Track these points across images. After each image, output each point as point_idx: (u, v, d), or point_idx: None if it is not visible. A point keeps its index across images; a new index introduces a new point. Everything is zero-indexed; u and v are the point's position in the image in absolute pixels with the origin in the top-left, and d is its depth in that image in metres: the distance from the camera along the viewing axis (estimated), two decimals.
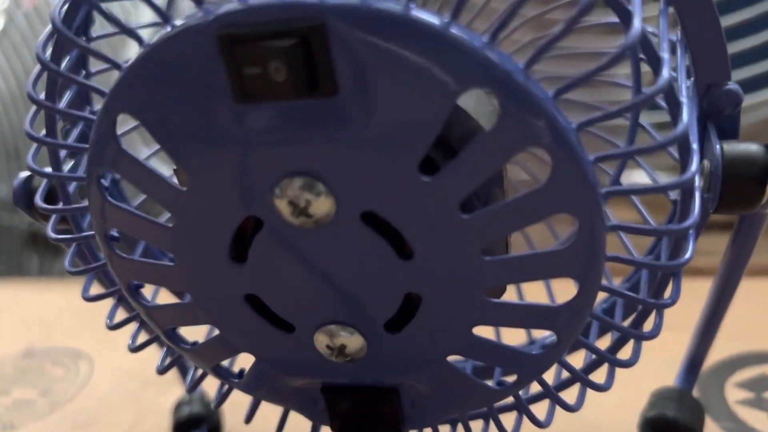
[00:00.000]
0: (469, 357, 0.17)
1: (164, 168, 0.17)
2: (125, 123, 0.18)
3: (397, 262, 0.15)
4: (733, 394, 0.28)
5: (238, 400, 0.21)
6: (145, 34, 0.15)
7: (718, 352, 0.27)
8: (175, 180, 0.17)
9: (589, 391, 0.18)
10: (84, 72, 0.20)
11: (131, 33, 0.15)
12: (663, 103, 0.15)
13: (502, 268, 0.15)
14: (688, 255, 0.15)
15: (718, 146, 0.17)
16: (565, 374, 0.19)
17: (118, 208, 0.16)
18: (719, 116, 0.18)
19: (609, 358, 0.18)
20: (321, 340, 0.17)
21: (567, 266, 0.15)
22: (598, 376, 0.18)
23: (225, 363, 0.19)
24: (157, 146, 0.22)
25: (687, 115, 0.14)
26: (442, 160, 0.15)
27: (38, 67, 0.16)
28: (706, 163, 0.17)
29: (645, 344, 0.17)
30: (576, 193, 0.14)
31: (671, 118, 0.15)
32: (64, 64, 0.17)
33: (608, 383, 0.18)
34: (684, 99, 0.15)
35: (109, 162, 0.15)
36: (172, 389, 0.31)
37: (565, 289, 0.19)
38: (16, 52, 0.78)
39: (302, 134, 0.14)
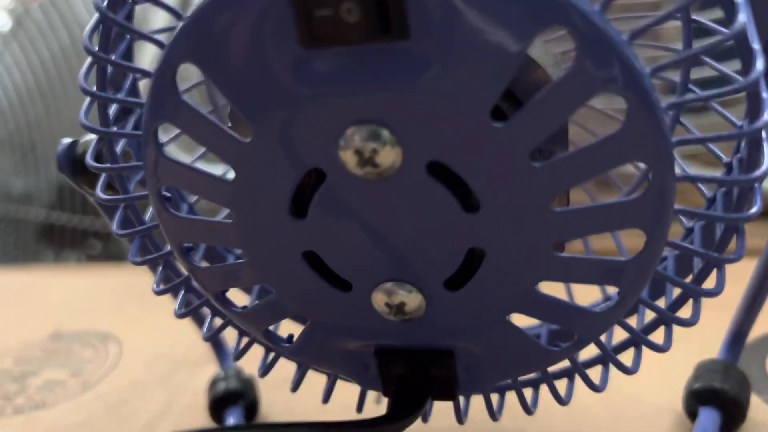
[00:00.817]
0: (529, 315, 0.16)
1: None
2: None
3: (462, 215, 0.15)
4: None
5: (276, 377, 0.21)
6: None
7: (758, 327, 0.26)
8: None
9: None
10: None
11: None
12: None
13: (571, 220, 0.15)
14: (755, 209, 0.15)
15: None
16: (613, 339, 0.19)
17: (175, 164, 0.16)
18: None
19: (670, 316, 0.17)
20: (379, 298, 0.16)
21: (637, 217, 0.14)
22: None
23: (273, 327, 0.19)
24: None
25: (761, 64, 0.14)
26: (508, 109, 0.15)
27: (95, 17, 0.16)
28: None
29: None
30: (649, 141, 0.13)
31: (743, 66, 0.14)
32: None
33: (667, 345, 0.18)
34: (756, 46, 0.14)
35: (169, 115, 0.15)
36: (203, 370, 0.31)
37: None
38: (34, 47, 0.78)
39: (371, 81, 0.14)
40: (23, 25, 0.78)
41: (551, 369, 0.19)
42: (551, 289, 0.16)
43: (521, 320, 0.17)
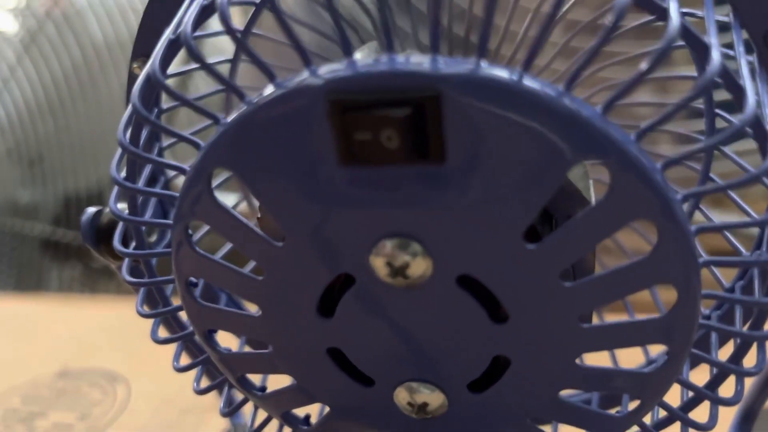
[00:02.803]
0: (551, 419, 0.16)
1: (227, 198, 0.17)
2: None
3: (490, 325, 0.15)
4: None
5: None
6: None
7: None
8: (258, 228, 0.17)
9: None
10: (156, 110, 0.20)
11: (204, 112, 0.15)
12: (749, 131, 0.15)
13: (597, 335, 0.15)
14: None
15: None
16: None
17: (204, 259, 0.16)
18: None
19: (685, 418, 0.17)
20: (402, 396, 0.16)
21: (660, 334, 0.15)
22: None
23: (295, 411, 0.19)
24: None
25: None
26: (539, 224, 0.15)
27: (128, 113, 0.16)
28: None
29: None
30: (679, 265, 0.14)
31: (760, 150, 0.15)
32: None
33: (711, 423, 0.17)
34: None
35: (202, 214, 0.15)
36: (212, 419, 0.31)
37: None
38: (45, 62, 0.78)
39: (405, 197, 0.14)
40: (36, 41, 0.78)
41: None
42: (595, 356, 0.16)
43: None
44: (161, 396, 0.34)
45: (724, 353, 0.18)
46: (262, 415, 0.21)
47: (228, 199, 0.18)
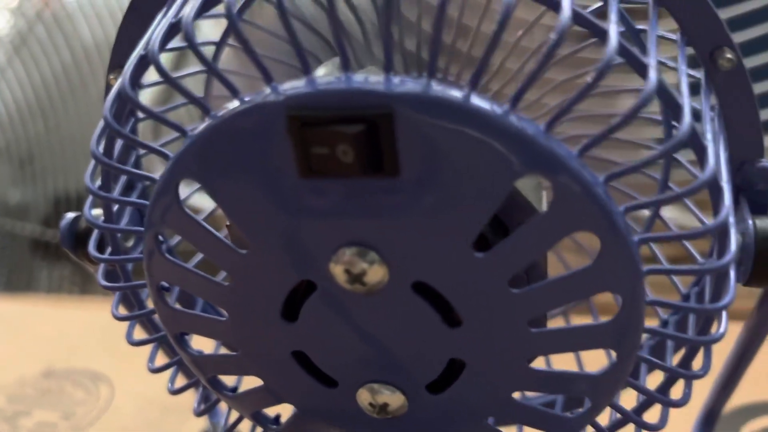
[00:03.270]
0: (505, 419, 0.17)
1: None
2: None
3: (445, 329, 0.16)
4: None
5: None
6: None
7: (732, 401, 0.27)
8: (228, 234, 0.17)
9: None
10: (133, 119, 0.21)
11: (176, 126, 0.15)
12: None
13: (546, 339, 0.15)
14: (722, 330, 0.16)
15: (750, 222, 0.17)
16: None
17: (175, 265, 0.17)
18: (751, 191, 0.18)
19: (637, 420, 0.18)
20: (364, 397, 0.17)
21: (608, 339, 0.15)
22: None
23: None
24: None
25: (728, 200, 0.15)
26: (491, 233, 0.16)
27: (101, 125, 0.17)
28: (738, 236, 0.18)
29: None
30: (622, 274, 0.14)
31: (712, 204, 0.15)
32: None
33: (662, 424, 0.18)
34: (725, 184, 0.15)
35: (171, 222, 0.16)
36: (193, 418, 0.32)
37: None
38: (36, 62, 0.79)
39: (362, 208, 0.14)
40: (27, 42, 0.79)
41: None
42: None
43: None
44: (144, 395, 0.35)
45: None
46: (236, 414, 0.21)
47: (209, 202, 0.19)
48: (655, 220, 0.19)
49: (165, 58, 0.16)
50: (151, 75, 0.19)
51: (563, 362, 0.20)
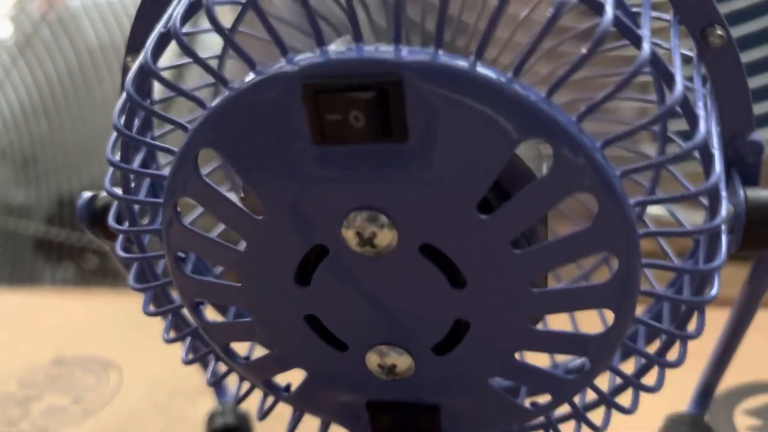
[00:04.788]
0: (508, 379, 0.18)
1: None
2: None
3: (450, 290, 0.16)
4: (742, 421, 0.29)
5: (272, 413, 0.22)
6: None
7: (728, 380, 0.28)
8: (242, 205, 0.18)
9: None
10: (148, 101, 0.22)
11: (191, 96, 0.16)
12: (697, 155, 0.16)
13: (547, 299, 0.16)
14: (714, 292, 0.17)
15: (741, 192, 0.18)
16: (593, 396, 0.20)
17: (193, 234, 0.17)
18: (742, 164, 0.19)
19: (636, 382, 0.19)
20: (372, 359, 0.18)
21: (605, 299, 0.16)
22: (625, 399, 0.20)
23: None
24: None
25: (719, 167, 0.16)
26: (494, 199, 0.17)
27: (122, 100, 0.18)
28: (729, 207, 0.19)
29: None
30: (618, 235, 0.15)
31: (703, 168, 0.16)
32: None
33: (633, 407, 0.19)
34: (716, 151, 0.16)
35: (190, 191, 0.17)
36: (201, 399, 0.33)
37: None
38: (40, 64, 0.80)
39: (372, 173, 0.15)
40: (31, 44, 0.80)
41: (530, 423, 0.20)
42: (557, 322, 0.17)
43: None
44: (152, 380, 0.35)
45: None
46: (246, 387, 0.22)
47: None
48: (655, 187, 0.20)
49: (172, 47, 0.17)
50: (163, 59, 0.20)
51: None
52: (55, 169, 0.85)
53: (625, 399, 0.20)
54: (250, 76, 0.15)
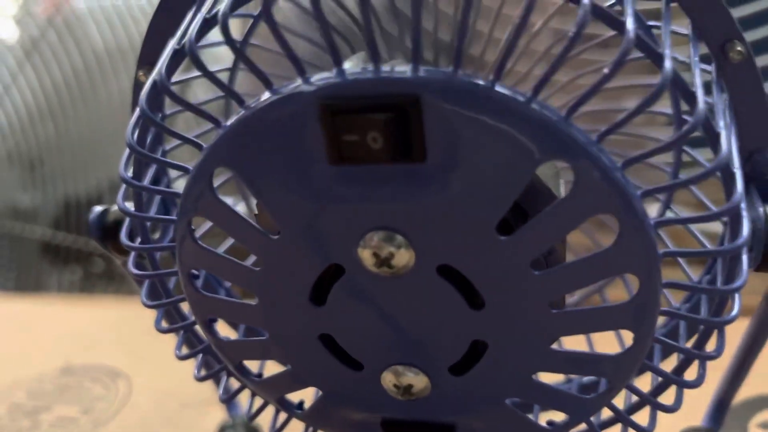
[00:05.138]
0: (526, 399, 0.18)
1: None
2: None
3: (468, 311, 0.16)
4: None
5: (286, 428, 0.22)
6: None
7: (742, 392, 0.28)
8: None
9: None
10: (160, 115, 0.21)
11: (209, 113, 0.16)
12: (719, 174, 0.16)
13: (566, 320, 0.16)
14: (734, 312, 0.17)
15: (761, 209, 0.18)
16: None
17: (206, 251, 0.17)
18: (761, 180, 0.19)
19: (652, 401, 0.19)
20: (388, 379, 0.18)
21: (625, 320, 0.16)
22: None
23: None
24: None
25: (740, 187, 0.15)
26: (512, 218, 0.16)
27: (135, 116, 0.18)
28: (749, 225, 0.18)
29: None
30: (639, 256, 0.15)
31: (724, 187, 0.16)
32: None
33: (651, 426, 0.19)
34: (737, 170, 0.16)
35: (204, 210, 0.17)
36: (210, 411, 0.32)
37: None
38: (46, 67, 0.80)
39: (390, 193, 0.15)
40: (38, 47, 0.80)
41: None
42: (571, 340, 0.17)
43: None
44: (162, 390, 0.35)
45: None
46: (258, 403, 0.22)
47: (226, 201, 0.19)
48: (670, 201, 0.20)
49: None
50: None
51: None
52: (61, 172, 0.85)
53: (641, 417, 0.19)
54: (266, 96, 0.15)
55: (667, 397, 0.19)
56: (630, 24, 0.14)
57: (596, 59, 0.25)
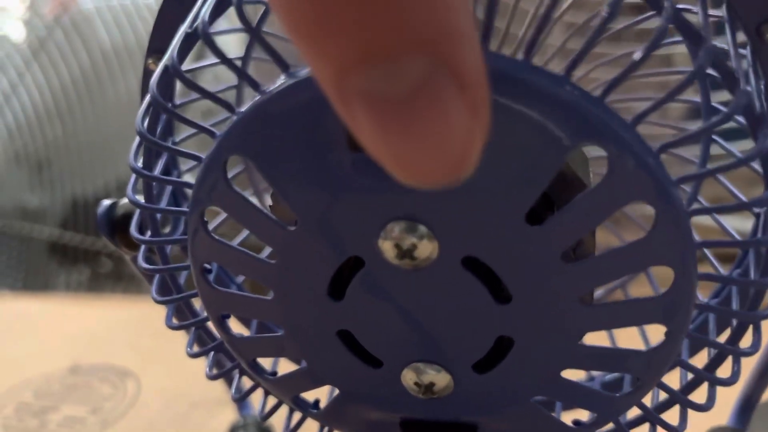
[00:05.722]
0: (552, 398, 0.17)
1: None
2: None
3: (494, 306, 0.15)
4: None
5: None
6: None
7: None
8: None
9: None
10: (170, 104, 0.21)
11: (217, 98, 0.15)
12: (756, 167, 0.15)
13: (596, 315, 0.15)
14: None
15: None
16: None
17: (220, 244, 0.17)
18: None
19: (684, 400, 0.18)
20: (409, 377, 0.17)
21: (658, 314, 0.15)
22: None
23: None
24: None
25: None
26: (539, 207, 0.16)
27: (145, 103, 0.17)
28: None
29: None
30: (674, 247, 0.14)
31: (764, 175, 0.15)
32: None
33: (682, 426, 0.18)
34: None
35: (218, 200, 0.16)
36: (221, 412, 0.32)
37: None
38: (53, 67, 0.79)
39: None
40: (45, 47, 0.79)
41: None
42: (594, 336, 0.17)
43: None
44: (171, 390, 0.35)
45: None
46: (272, 402, 0.21)
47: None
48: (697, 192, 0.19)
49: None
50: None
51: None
52: (69, 172, 0.85)
53: (670, 415, 0.19)
54: (282, 80, 0.15)
55: (698, 395, 0.18)
56: (668, 4, 0.13)
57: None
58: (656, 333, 0.16)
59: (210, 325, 0.20)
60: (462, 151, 0.10)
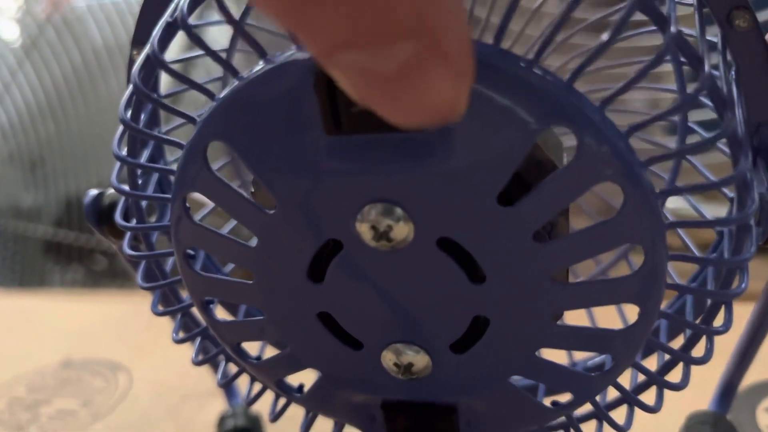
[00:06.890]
0: (529, 377, 0.17)
1: None
2: None
3: (469, 286, 0.16)
4: (765, 418, 0.29)
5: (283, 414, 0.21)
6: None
7: (750, 377, 0.27)
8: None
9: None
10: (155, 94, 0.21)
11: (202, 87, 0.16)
12: (725, 149, 0.16)
13: (569, 294, 0.16)
14: (744, 285, 0.16)
15: None
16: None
17: (203, 230, 0.17)
18: None
19: (660, 380, 0.18)
20: (388, 358, 0.17)
21: (631, 293, 0.16)
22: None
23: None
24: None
25: (746, 158, 0.15)
26: (513, 189, 0.16)
27: (128, 92, 0.17)
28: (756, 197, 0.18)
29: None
30: (643, 225, 0.15)
31: (732, 159, 0.16)
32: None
33: (657, 405, 0.18)
34: (745, 141, 0.15)
35: (199, 186, 0.16)
36: (211, 403, 0.32)
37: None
38: (46, 66, 0.79)
39: (388, 164, 0.15)
40: (37, 46, 0.79)
41: (550, 423, 0.20)
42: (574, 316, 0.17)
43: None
44: (162, 383, 0.35)
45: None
46: (257, 388, 0.21)
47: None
48: (675, 179, 0.19)
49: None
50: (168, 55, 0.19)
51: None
52: (63, 171, 0.85)
53: (647, 397, 0.19)
54: (260, 66, 0.15)
55: (674, 376, 0.19)
56: None
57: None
58: (634, 315, 0.17)
59: (195, 311, 0.20)
60: (449, 107, 0.12)
